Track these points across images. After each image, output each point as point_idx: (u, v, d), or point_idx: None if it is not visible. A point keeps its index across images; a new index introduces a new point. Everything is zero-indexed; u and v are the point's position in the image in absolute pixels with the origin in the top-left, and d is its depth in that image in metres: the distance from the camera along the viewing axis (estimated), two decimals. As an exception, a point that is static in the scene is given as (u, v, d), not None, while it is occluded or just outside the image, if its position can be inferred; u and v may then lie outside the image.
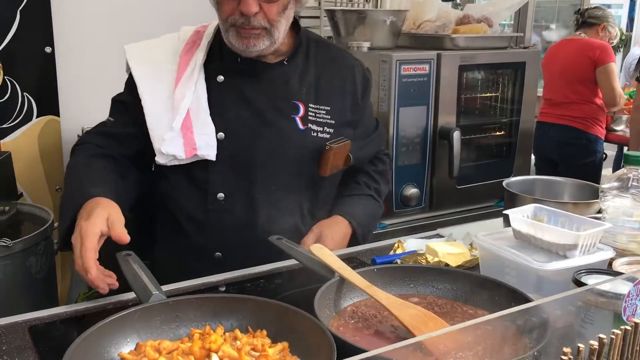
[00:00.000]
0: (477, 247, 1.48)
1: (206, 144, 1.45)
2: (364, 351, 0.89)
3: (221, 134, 1.47)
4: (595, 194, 1.47)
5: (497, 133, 2.69)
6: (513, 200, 1.49)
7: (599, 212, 1.40)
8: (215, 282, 1.34)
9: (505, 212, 1.21)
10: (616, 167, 4.41)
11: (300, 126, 1.51)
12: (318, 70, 1.55)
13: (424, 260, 1.39)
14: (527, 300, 1.07)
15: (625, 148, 4.03)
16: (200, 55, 1.50)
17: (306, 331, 0.99)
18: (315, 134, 1.52)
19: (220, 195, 1.48)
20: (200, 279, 1.34)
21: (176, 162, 1.46)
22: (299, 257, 1.24)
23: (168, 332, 1.03)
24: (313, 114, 1.52)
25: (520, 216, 1.21)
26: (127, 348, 0.98)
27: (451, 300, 1.19)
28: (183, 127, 1.44)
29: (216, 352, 0.94)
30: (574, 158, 3.87)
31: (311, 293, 1.31)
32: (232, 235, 1.49)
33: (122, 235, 1.20)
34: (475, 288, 1.18)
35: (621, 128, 4.24)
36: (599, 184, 1.55)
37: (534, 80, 2.66)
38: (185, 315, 1.05)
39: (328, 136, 1.52)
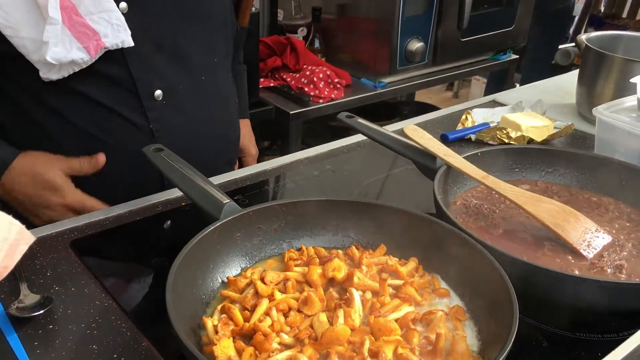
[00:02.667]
0: (551, 118, 1.29)
1: (112, 26, 0.94)
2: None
3: (123, 4, 0.96)
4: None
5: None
6: (596, 60, 1.28)
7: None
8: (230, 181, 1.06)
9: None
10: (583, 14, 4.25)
11: None
12: None
13: (504, 136, 1.19)
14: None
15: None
16: None
17: (436, 239, 0.78)
18: None
19: (158, 92, 1.03)
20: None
21: (77, 69, 0.94)
22: (384, 139, 1.00)
23: (252, 249, 0.80)
24: None
25: (648, 83, 1.01)
26: (213, 277, 0.75)
27: (566, 186, 1.01)
28: (63, 11, 0.90)
29: (342, 283, 0.72)
30: (545, 4, 3.66)
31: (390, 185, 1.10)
32: (186, 142, 1.06)
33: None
34: (593, 171, 1.00)
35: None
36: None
37: None
38: (268, 227, 0.82)
39: None
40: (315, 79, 2.08)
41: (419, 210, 0.81)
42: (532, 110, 1.30)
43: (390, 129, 1.14)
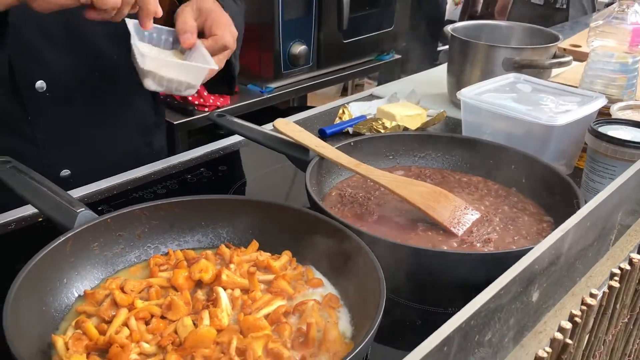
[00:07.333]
0: (424, 107, 1.31)
1: None
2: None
3: None
4: (547, 38, 1.35)
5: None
6: (462, 48, 1.33)
7: (555, 57, 1.29)
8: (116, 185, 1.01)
9: (457, 95, 1.04)
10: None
11: None
12: None
13: (380, 127, 1.20)
14: (534, 160, 0.94)
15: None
16: None
17: (308, 230, 0.76)
18: None
19: (40, 83, 0.96)
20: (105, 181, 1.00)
21: None
22: (256, 135, 0.97)
23: (113, 258, 0.75)
24: None
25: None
26: (68, 292, 0.69)
27: (438, 169, 1.03)
28: None
29: (211, 284, 0.69)
30: (418, 10, 3.80)
31: (267, 179, 1.08)
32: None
33: None
34: (462, 152, 1.03)
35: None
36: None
37: None
38: (130, 234, 0.77)
39: None
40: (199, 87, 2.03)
41: (297, 204, 0.79)
42: (407, 101, 1.33)
43: (267, 128, 1.12)
